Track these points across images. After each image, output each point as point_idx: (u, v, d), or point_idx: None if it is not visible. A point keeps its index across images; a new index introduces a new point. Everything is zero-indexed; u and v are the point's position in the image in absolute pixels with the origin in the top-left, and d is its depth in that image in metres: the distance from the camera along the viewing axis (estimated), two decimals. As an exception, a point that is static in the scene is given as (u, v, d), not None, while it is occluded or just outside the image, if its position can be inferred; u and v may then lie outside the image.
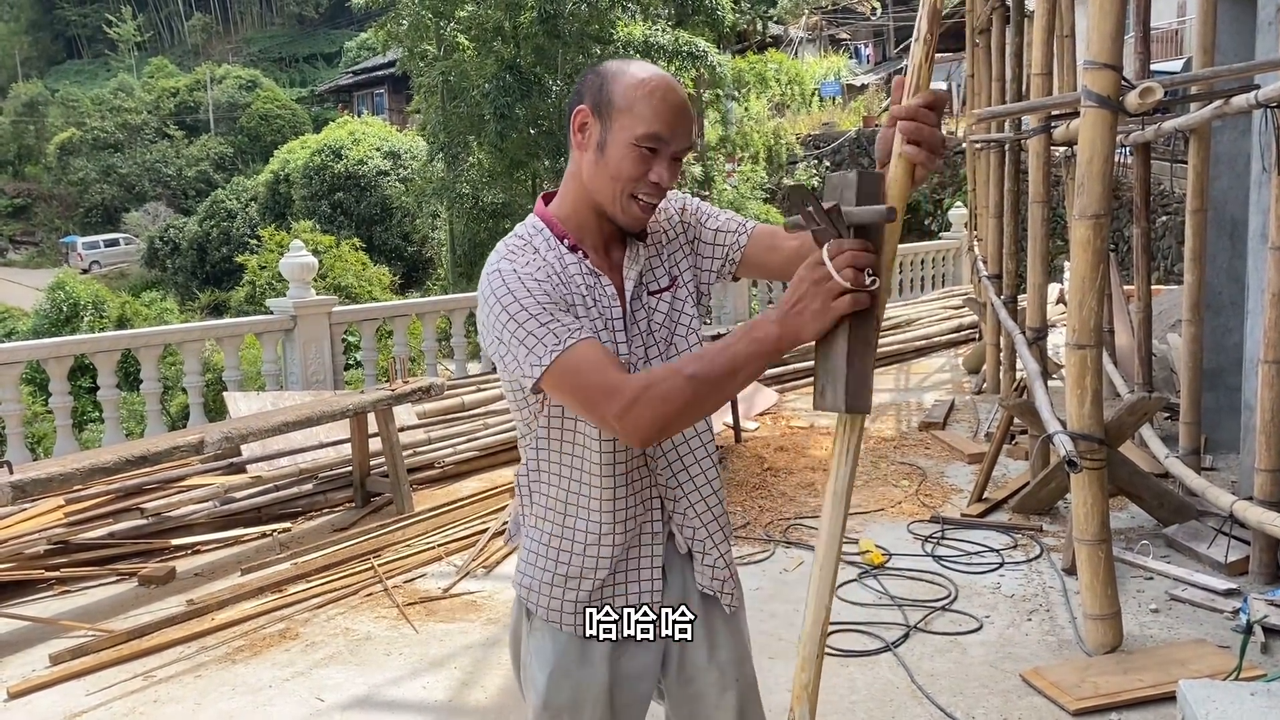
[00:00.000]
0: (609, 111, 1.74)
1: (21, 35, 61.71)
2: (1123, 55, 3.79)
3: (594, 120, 1.76)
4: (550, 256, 1.76)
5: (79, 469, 4.38)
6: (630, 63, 1.80)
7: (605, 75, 1.77)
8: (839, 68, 32.47)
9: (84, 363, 7.35)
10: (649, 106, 1.73)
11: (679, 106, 1.75)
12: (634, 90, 1.73)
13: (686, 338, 1.86)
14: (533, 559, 1.89)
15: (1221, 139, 5.95)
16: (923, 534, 5.17)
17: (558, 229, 1.80)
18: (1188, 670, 3.49)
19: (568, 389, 1.65)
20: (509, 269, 1.71)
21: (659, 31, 17.48)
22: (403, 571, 4.90)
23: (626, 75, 1.76)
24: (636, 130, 1.72)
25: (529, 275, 1.70)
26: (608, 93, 1.75)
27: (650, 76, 1.75)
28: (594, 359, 1.63)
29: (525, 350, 1.65)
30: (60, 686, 3.85)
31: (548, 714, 1.87)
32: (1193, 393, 5.38)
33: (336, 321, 7.73)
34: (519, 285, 1.68)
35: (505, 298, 1.68)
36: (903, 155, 1.52)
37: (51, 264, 39.21)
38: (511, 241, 1.80)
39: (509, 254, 1.76)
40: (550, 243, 1.79)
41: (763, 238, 1.91)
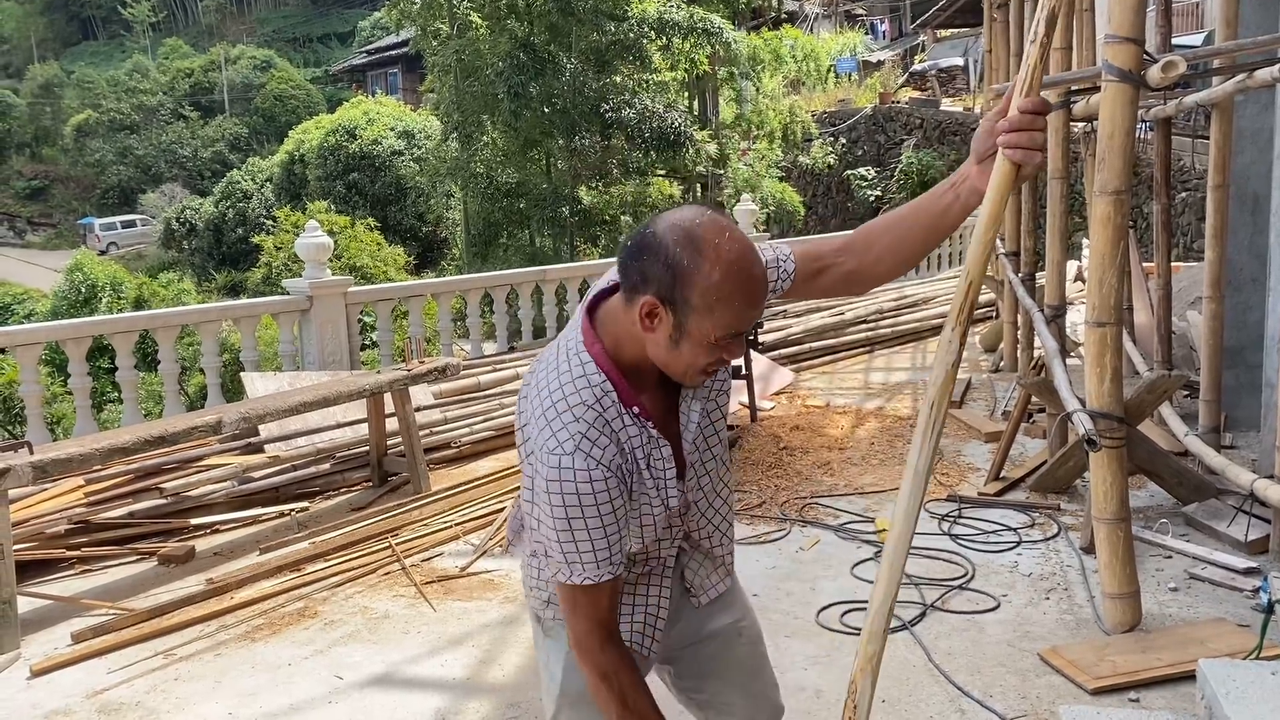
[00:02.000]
0: (685, 310, 1.59)
1: (37, 17, 61.80)
2: (1144, 29, 3.73)
3: (665, 313, 1.60)
4: (620, 432, 1.67)
5: (99, 449, 4.41)
6: (698, 238, 1.58)
7: (676, 266, 1.58)
8: (855, 44, 32.20)
9: (102, 343, 7.39)
10: (732, 310, 1.59)
11: (760, 294, 1.63)
12: (715, 291, 1.57)
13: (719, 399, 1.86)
14: (537, 573, 1.91)
15: (1244, 113, 5.88)
16: (940, 513, 5.16)
17: (625, 394, 1.68)
18: (1207, 649, 3.47)
19: (568, 604, 1.74)
20: (583, 470, 1.62)
21: (673, 8, 17.37)
22: (420, 550, 4.92)
23: (702, 270, 1.57)
24: (716, 333, 1.61)
25: (601, 485, 1.63)
26: (683, 291, 1.58)
27: (729, 267, 1.57)
28: (604, 601, 1.71)
29: (562, 558, 1.68)
30: (82, 664, 3.89)
31: (566, 700, 1.92)
32: (1213, 370, 5.34)
33: (352, 302, 7.74)
34: (590, 499, 1.63)
35: (573, 507, 1.63)
36: (1010, 156, 1.61)
37: (69, 245, 39.39)
38: (582, 414, 1.65)
39: (582, 442, 1.63)
40: (619, 410, 1.67)
41: (805, 267, 1.85)
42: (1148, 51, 3.70)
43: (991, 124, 1.65)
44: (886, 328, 9.83)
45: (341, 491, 5.92)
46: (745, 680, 2.06)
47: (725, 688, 2.04)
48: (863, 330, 9.67)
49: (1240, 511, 4.50)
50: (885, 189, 22.15)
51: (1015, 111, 1.61)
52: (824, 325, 9.42)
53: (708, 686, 2.04)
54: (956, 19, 27.49)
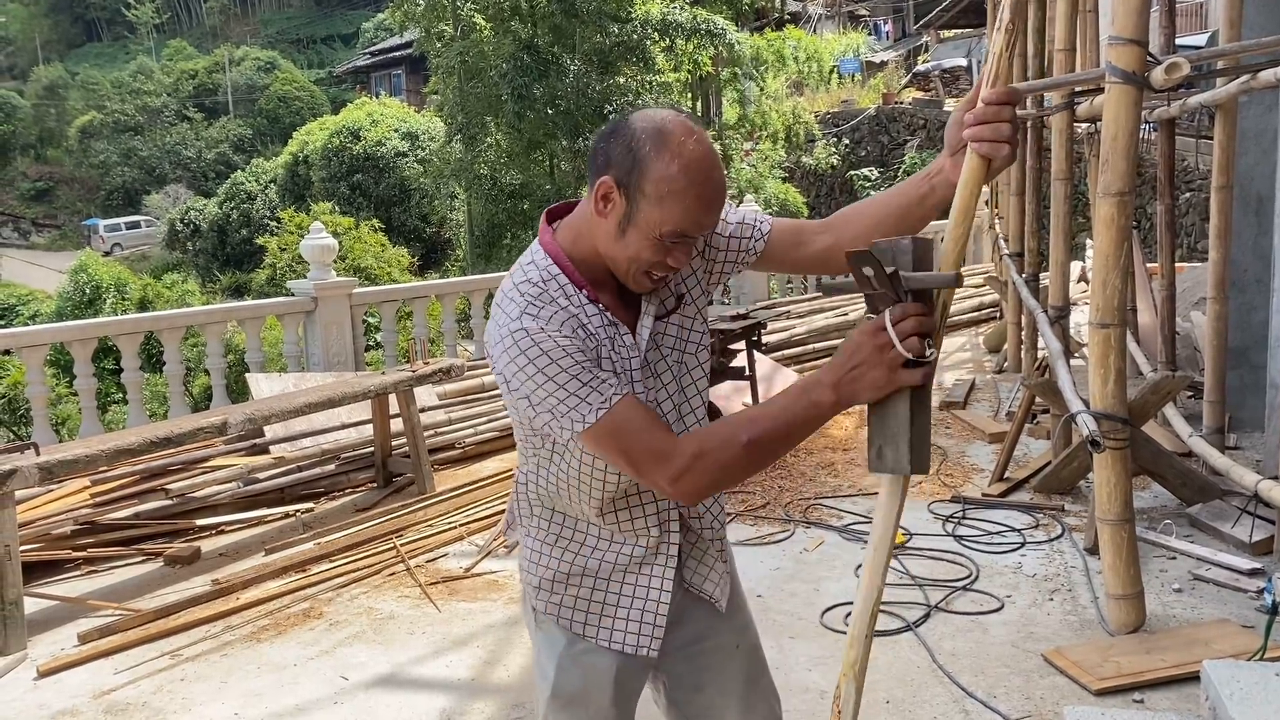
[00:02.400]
0: (637, 197, 1.61)
1: (41, 19, 61.95)
2: (1148, 30, 3.74)
3: (619, 197, 1.62)
4: (571, 307, 1.66)
5: (105, 450, 4.42)
6: (666, 132, 1.61)
7: (638, 152, 1.60)
8: (858, 44, 32.21)
9: (107, 344, 7.41)
10: (682, 206, 1.60)
11: (714, 199, 1.64)
12: (668, 182, 1.59)
13: (696, 354, 1.84)
14: (535, 556, 1.90)
15: (1248, 114, 5.87)
16: (944, 514, 5.16)
17: (575, 276, 1.69)
18: (1211, 650, 3.47)
19: (611, 449, 1.64)
20: (534, 326, 1.62)
21: (677, 9, 17.39)
22: (425, 551, 4.93)
23: (662, 158, 1.59)
24: (664, 227, 1.61)
25: (558, 333, 1.62)
26: (638, 176, 1.60)
27: (688, 164, 1.59)
28: (639, 420, 1.62)
29: (565, 409, 1.62)
30: (89, 665, 3.90)
31: (557, 702, 1.89)
32: (1217, 371, 5.34)
33: (357, 303, 7.76)
34: (550, 343, 1.61)
35: (538, 358, 1.61)
36: (976, 150, 1.57)
37: (74, 246, 39.46)
38: (526, 289, 1.67)
39: (528, 308, 1.64)
40: (568, 291, 1.68)
41: (784, 235, 1.86)
42: (1151, 53, 3.71)
43: (960, 115, 1.62)
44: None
45: (346, 492, 5.94)
46: (742, 691, 2.01)
47: (720, 698, 1.99)
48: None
49: (1244, 512, 4.49)
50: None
51: (982, 103, 1.58)
52: (827, 326, 9.43)
53: (700, 699, 1.98)
54: (960, 19, 27.51)
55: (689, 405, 1.83)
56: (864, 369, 1.50)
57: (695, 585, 1.93)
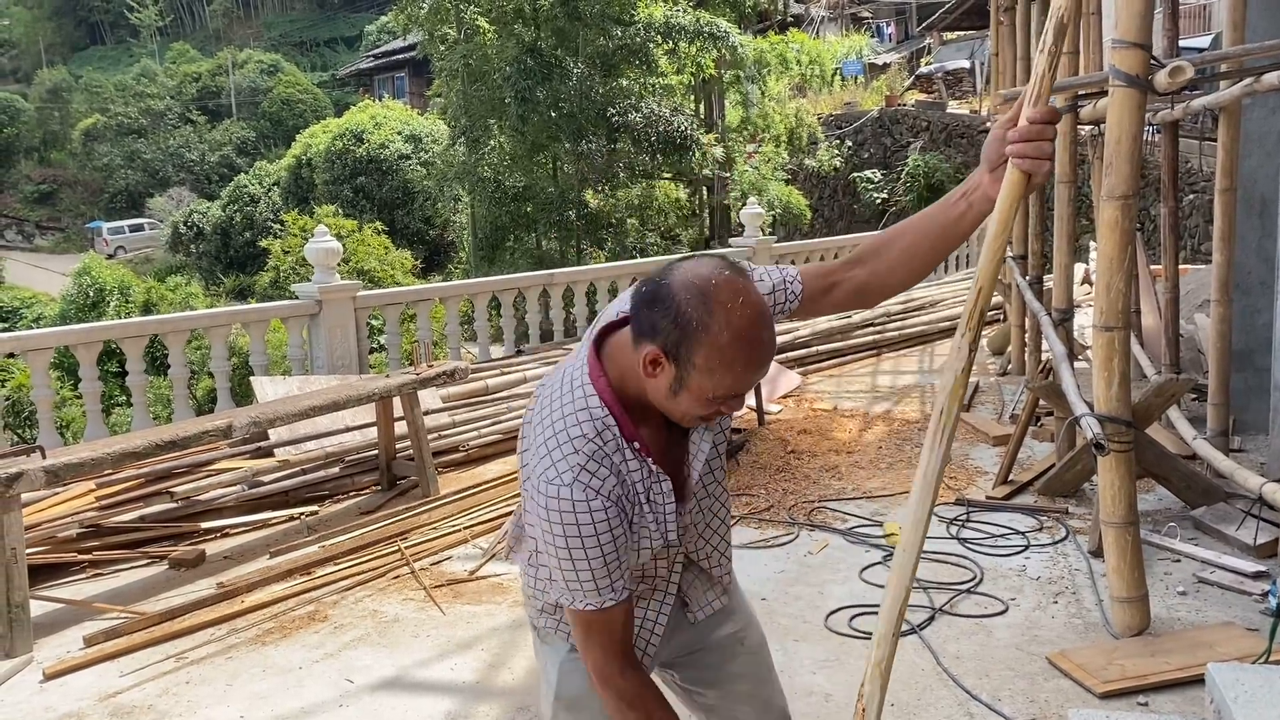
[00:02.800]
0: (686, 367, 1.59)
1: (45, 22, 62.08)
2: (1151, 33, 3.74)
3: (668, 365, 1.60)
4: (620, 465, 1.68)
5: (110, 453, 4.43)
6: (712, 301, 1.56)
7: (685, 326, 1.56)
8: (861, 46, 32.21)
9: (111, 347, 7.42)
10: (733, 374, 1.59)
11: (765, 359, 1.62)
12: (719, 354, 1.56)
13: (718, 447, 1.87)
14: (537, 585, 1.91)
15: (1251, 116, 5.88)
16: (948, 516, 5.16)
17: (626, 428, 1.68)
18: (1216, 653, 3.47)
19: (580, 631, 1.75)
20: (581, 501, 1.62)
21: (680, 12, 17.41)
22: (429, 554, 4.94)
23: (710, 333, 1.55)
24: (717, 392, 1.61)
25: (601, 515, 1.63)
26: (687, 350, 1.57)
27: (737, 334, 1.56)
28: (615, 626, 1.72)
29: (565, 585, 1.70)
30: (94, 667, 3.91)
31: (561, 704, 1.93)
32: (1221, 374, 5.34)
33: (361, 306, 7.77)
34: (589, 529, 1.63)
35: (573, 537, 1.63)
36: (1019, 166, 1.63)
37: (77, 249, 39.52)
38: (581, 446, 1.65)
39: (581, 473, 1.64)
40: (619, 444, 1.68)
41: (814, 287, 1.84)
42: (1155, 56, 3.71)
43: (1002, 132, 1.66)
44: (894, 331, 9.84)
45: (351, 495, 5.94)
46: (749, 689, 2.06)
47: (728, 696, 2.04)
48: (870, 333, 9.67)
49: (1249, 515, 4.49)
50: (892, 192, 22.14)
51: (1025, 121, 1.63)
52: (831, 328, 9.42)
53: (711, 693, 2.05)
54: (963, 21, 27.50)
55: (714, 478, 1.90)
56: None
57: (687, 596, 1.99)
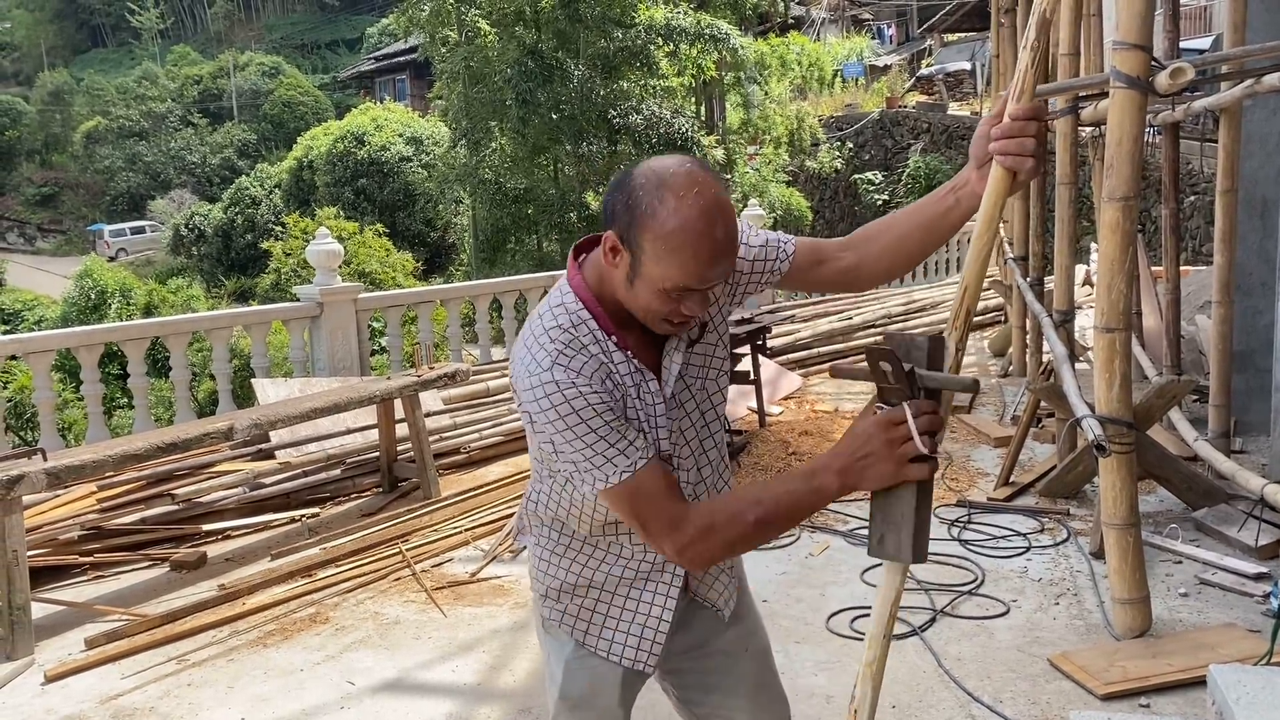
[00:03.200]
0: (638, 254, 1.59)
1: (47, 25, 62.14)
2: (1152, 34, 3.74)
3: (623, 251, 1.61)
4: (600, 355, 1.66)
5: (111, 456, 4.43)
6: (666, 186, 1.56)
7: (636, 208, 1.57)
8: (862, 48, 32.23)
9: (112, 350, 7.43)
10: (680, 262, 1.56)
11: (716, 255, 1.58)
12: (665, 240, 1.55)
13: (718, 380, 1.85)
14: (543, 565, 1.91)
15: (1252, 118, 5.88)
16: (949, 518, 5.16)
17: (604, 321, 1.68)
18: (1217, 654, 3.47)
19: (627, 510, 1.66)
20: (565, 379, 1.61)
21: (680, 14, 17.41)
22: (430, 556, 4.94)
23: (658, 217, 1.55)
24: (665, 283, 1.58)
25: (588, 388, 1.61)
26: (637, 232, 1.57)
27: (685, 221, 1.54)
28: (657, 486, 1.64)
29: (590, 467, 1.63)
30: (96, 670, 3.91)
31: (565, 704, 1.93)
32: (1222, 375, 5.34)
33: (362, 308, 7.78)
34: (581, 400, 1.60)
35: (568, 415, 1.60)
36: (1001, 163, 1.61)
37: (79, 252, 39.59)
38: (557, 335, 1.65)
39: (559, 357, 1.63)
40: (597, 337, 1.67)
41: (805, 254, 1.85)
42: (1155, 58, 3.71)
43: (987, 129, 1.65)
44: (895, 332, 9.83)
45: (352, 497, 5.94)
46: (751, 693, 2.03)
47: (730, 701, 2.01)
48: (871, 335, 9.67)
49: (1250, 516, 4.49)
50: (893, 193, 22.16)
51: (1008, 118, 1.61)
52: (832, 330, 9.43)
53: (711, 700, 2.01)
54: (963, 23, 27.53)
55: (709, 430, 1.86)
56: (872, 460, 1.53)
57: (700, 594, 1.94)
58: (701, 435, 1.83)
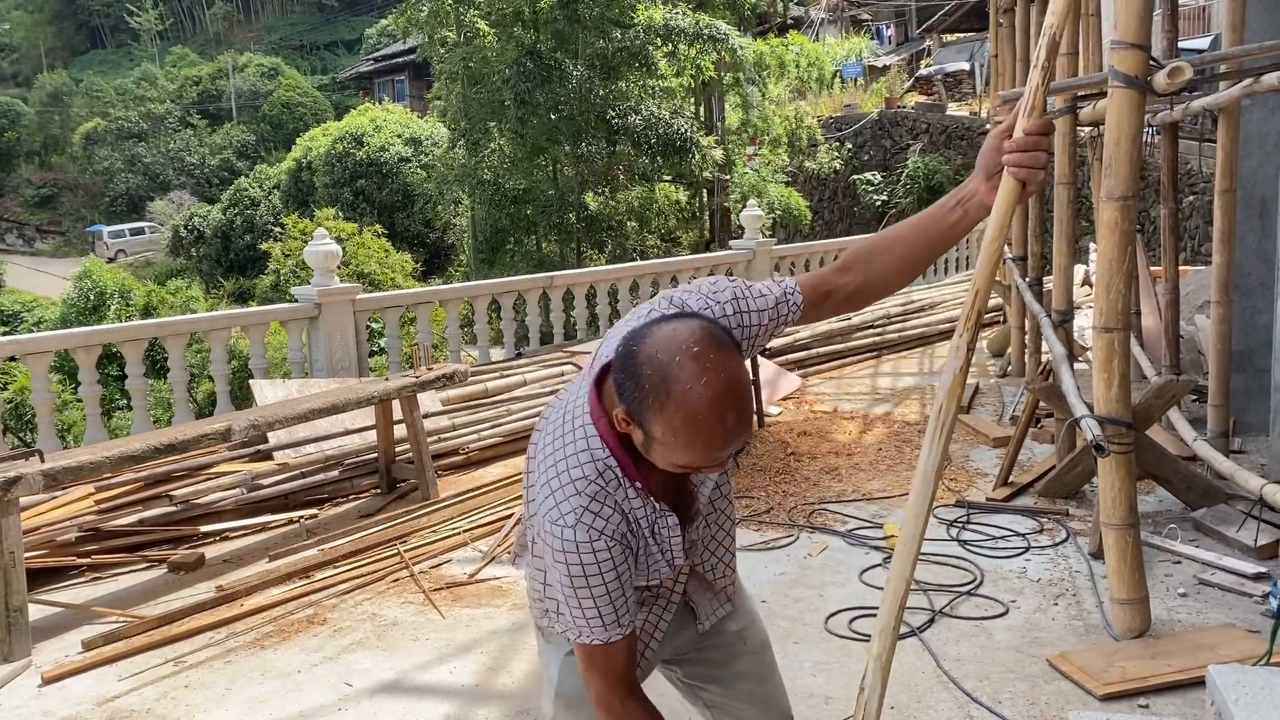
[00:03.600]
0: (650, 435, 1.57)
1: (45, 26, 62.12)
2: (1151, 34, 3.74)
3: (635, 428, 1.59)
4: (624, 505, 1.69)
5: (109, 457, 4.43)
6: (673, 380, 1.51)
7: (645, 396, 1.53)
8: (860, 49, 32.21)
9: (111, 351, 7.42)
10: (691, 453, 1.56)
11: (728, 438, 1.55)
12: (674, 434, 1.53)
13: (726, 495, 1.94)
14: (542, 590, 1.92)
15: (1251, 117, 5.87)
16: (948, 518, 5.16)
17: (629, 468, 1.68)
18: (1217, 655, 3.47)
19: (584, 664, 1.79)
20: (585, 540, 1.64)
21: (679, 14, 17.41)
22: (429, 557, 4.93)
23: (667, 410, 1.51)
24: (679, 462, 1.59)
25: (604, 553, 1.66)
26: (647, 422, 1.55)
27: (695, 416, 1.50)
28: (617, 661, 1.75)
29: (573, 620, 1.73)
30: (93, 672, 3.90)
31: (561, 703, 1.96)
32: (1221, 375, 5.33)
33: (360, 309, 7.77)
34: (594, 566, 1.66)
35: (577, 576, 1.67)
36: (1015, 175, 1.70)
37: (78, 253, 39.60)
38: (583, 487, 1.66)
39: (584, 514, 1.65)
40: (621, 483, 1.68)
41: (810, 295, 1.82)
42: (1154, 57, 3.71)
43: (998, 142, 1.73)
44: (894, 333, 9.84)
45: (350, 498, 5.94)
46: (751, 687, 2.08)
47: (730, 693, 2.07)
48: (870, 335, 9.67)
49: (1249, 516, 4.48)
50: (891, 194, 22.15)
51: (1020, 133, 1.70)
52: (831, 330, 9.42)
53: (712, 690, 2.09)
54: (962, 24, 27.53)
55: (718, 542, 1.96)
56: None
57: (697, 610, 2.02)
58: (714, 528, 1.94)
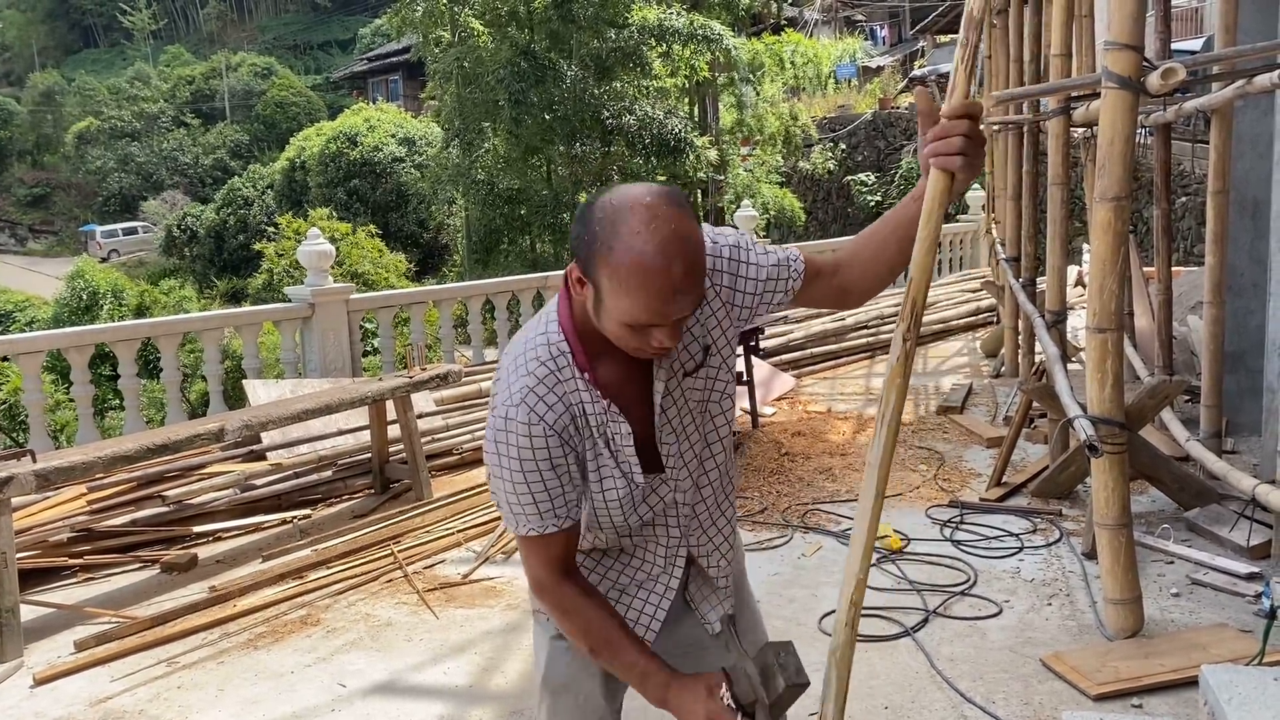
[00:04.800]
0: (598, 288, 1.55)
1: (38, 25, 62.00)
2: (1144, 35, 3.74)
3: (587, 283, 1.58)
4: (572, 397, 1.66)
5: (101, 457, 4.41)
6: (621, 221, 1.51)
7: (593, 242, 1.53)
8: (854, 49, 32.26)
9: (104, 351, 7.40)
10: (633, 301, 1.52)
11: (674, 291, 1.51)
12: (619, 278, 1.50)
13: (720, 403, 1.82)
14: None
15: (1243, 119, 5.88)
16: (941, 518, 5.16)
17: (579, 358, 1.66)
18: (1209, 654, 3.47)
19: (522, 552, 1.79)
20: (522, 422, 1.63)
21: (674, 15, 17.39)
22: (422, 557, 4.93)
23: (614, 254, 1.50)
24: (625, 318, 1.54)
25: (541, 442, 1.64)
26: (594, 269, 1.54)
27: (640, 260, 1.49)
28: (553, 553, 1.74)
29: (510, 508, 1.72)
30: (85, 673, 3.89)
31: (547, 689, 1.96)
32: (1214, 376, 5.34)
33: (354, 309, 7.75)
34: (529, 455, 1.64)
35: (513, 460, 1.65)
36: (934, 164, 1.59)
37: (71, 252, 39.49)
38: (534, 369, 1.65)
39: (529, 396, 1.64)
40: (574, 371, 1.66)
41: (809, 273, 1.80)
42: (1147, 58, 3.71)
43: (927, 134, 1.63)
44: (888, 333, 9.83)
45: (344, 498, 5.93)
46: None
47: None
48: (864, 336, 9.68)
49: (1242, 516, 4.50)
50: (886, 194, 22.18)
51: (942, 117, 1.59)
52: (825, 331, 9.43)
53: None
54: (956, 25, 27.51)
55: (709, 451, 1.85)
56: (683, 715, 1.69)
57: (694, 602, 1.96)
58: (702, 455, 1.83)
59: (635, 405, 1.71)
